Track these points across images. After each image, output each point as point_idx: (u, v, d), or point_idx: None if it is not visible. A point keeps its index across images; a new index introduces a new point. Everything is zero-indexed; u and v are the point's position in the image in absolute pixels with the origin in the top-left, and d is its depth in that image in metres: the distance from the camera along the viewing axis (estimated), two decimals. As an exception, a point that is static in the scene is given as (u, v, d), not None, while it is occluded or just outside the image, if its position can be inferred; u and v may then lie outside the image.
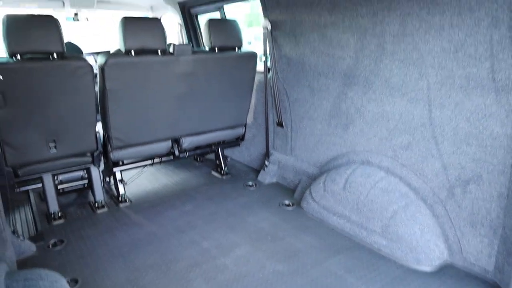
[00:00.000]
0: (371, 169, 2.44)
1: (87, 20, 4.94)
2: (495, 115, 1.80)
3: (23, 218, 2.80)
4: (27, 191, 3.09)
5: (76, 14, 4.47)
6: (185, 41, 4.30)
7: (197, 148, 3.40)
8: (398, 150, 2.32)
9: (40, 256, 2.26)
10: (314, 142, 2.96)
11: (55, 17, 2.29)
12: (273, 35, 3.01)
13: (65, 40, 3.88)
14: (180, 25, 4.20)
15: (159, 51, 2.63)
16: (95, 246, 2.34)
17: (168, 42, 2.70)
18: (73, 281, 1.99)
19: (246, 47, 3.17)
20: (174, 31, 4.41)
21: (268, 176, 3.36)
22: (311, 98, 2.89)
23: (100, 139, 2.78)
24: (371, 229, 2.29)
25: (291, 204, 2.88)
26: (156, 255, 2.23)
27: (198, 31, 4.25)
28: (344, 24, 2.38)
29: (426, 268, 2.06)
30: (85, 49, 4.20)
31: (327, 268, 2.07)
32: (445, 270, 2.05)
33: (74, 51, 3.80)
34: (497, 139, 1.81)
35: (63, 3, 4.00)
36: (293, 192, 3.07)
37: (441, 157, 2.08)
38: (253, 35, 5.17)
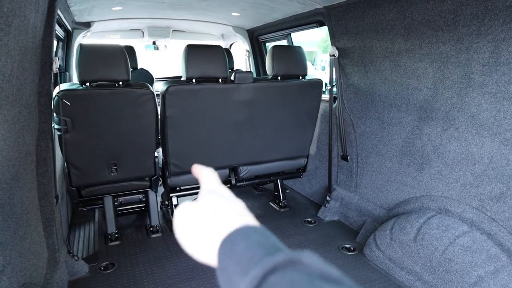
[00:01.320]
0: (451, 220, 2.05)
1: (166, 47, 5.26)
2: None
3: (86, 235, 2.91)
4: (94, 209, 3.23)
5: (154, 43, 4.78)
6: (253, 68, 4.29)
7: (256, 177, 3.27)
8: (486, 201, 1.91)
9: (91, 277, 2.28)
10: (382, 181, 2.63)
11: (135, 46, 2.38)
12: (340, 63, 2.81)
13: (139, 66, 4.11)
14: (248, 51, 4.21)
15: (220, 79, 2.60)
16: (143, 274, 2.30)
17: (235, 68, 2.67)
18: (115, 311, 1.94)
19: (316, 74, 3.01)
20: (242, 58, 4.45)
21: (329, 213, 3.08)
22: (380, 132, 2.59)
23: (159, 164, 2.80)
24: (448, 294, 1.89)
25: (352, 249, 2.57)
26: (198, 293, 2.10)
27: (264, 58, 4.22)
28: (421, 52, 2.09)
29: None
30: (160, 74, 4.43)
31: (390, 337, 1.74)
32: None
33: (145, 77, 4.00)
34: None
35: (143, 34, 4.29)
36: (355, 234, 2.75)
37: (546, 215, 1.65)
38: (327, 61, 5.01)
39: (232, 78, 2.66)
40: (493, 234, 1.87)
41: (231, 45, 4.84)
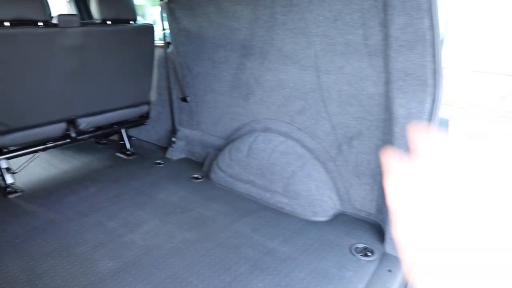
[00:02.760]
0: (272, 136, 2.59)
1: None
2: (369, 77, 2.05)
3: None
4: None
5: None
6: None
7: (98, 129, 3.20)
8: (294, 116, 2.49)
9: None
10: (218, 114, 3.01)
11: None
12: (170, 8, 2.93)
13: None
14: (67, -4, 3.82)
15: (39, 22, 2.37)
16: None
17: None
18: (-46, 282, 1.76)
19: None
20: (62, 4, 4.00)
21: (176, 153, 3.33)
22: (212, 71, 2.91)
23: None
24: (274, 190, 2.45)
25: (200, 177, 2.92)
26: (54, 242, 2.08)
27: (88, 3, 3.92)
28: (237, -5, 2.43)
29: (322, 218, 2.30)
30: None
31: (235, 230, 2.18)
32: (338, 218, 2.32)
33: None
34: (372, 98, 2.07)
35: None
36: (202, 166, 3.11)
37: (330, 118, 2.30)
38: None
39: (55, 21, 2.46)
40: (300, 140, 2.48)
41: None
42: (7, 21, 2.23)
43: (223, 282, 1.76)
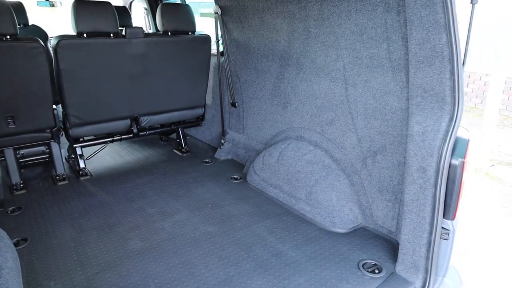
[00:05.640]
0: (302, 144, 2.67)
1: (61, 4, 5.08)
2: (393, 91, 2.01)
3: None
4: None
5: (47, -1, 4.63)
6: (152, 26, 4.47)
7: (158, 127, 3.62)
8: (324, 126, 2.54)
9: (-2, 220, 2.49)
10: (261, 120, 3.18)
11: (26, 2, 2.46)
12: (223, 20, 3.19)
13: (30, 23, 4.04)
14: (146, 9, 4.37)
15: (111, 34, 2.82)
16: (50, 212, 2.58)
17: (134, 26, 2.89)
18: (23, 240, 2.23)
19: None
20: (141, 17, 4.58)
21: (223, 153, 3.58)
22: (257, 79, 3.09)
23: (59, 116, 2.98)
24: (298, 197, 2.52)
25: (238, 178, 3.11)
26: (102, 219, 2.46)
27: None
28: (277, 9, 2.57)
29: (340, 230, 2.30)
30: (55, 33, 4.37)
31: (253, 230, 2.32)
32: (357, 231, 2.30)
33: (38, 34, 3.97)
34: (395, 113, 2.03)
35: (33, -12, 4.15)
36: (243, 168, 3.30)
37: (356, 131, 2.30)
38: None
39: (123, 33, 2.90)
40: (328, 149, 2.52)
41: (130, 3, 4.91)
42: (85, 33, 2.71)
43: (227, 275, 1.92)
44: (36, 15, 4.42)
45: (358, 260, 2.02)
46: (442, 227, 1.78)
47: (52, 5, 5.04)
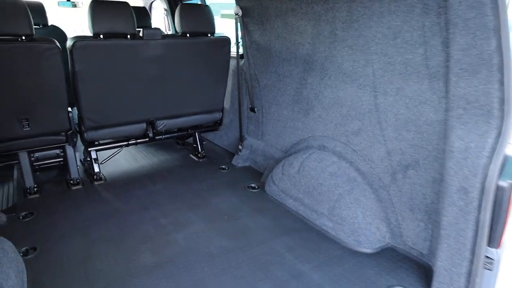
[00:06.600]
0: (325, 154, 2.49)
1: (82, 4, 5.06)
2: (429, 101, 1.82)
3: (5, 191, 2.98)
4: (12, 167, 3.27)
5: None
6: (171, 27, 4.38)
7: (174, 131, 3.51)
8: (350, 136, 2.36)
9: (9, 226, 2.43)
10: (280, 127, 3.02)
11: (47, 3, 2.40)
12: (244, 21, 3.05)
13: (49, 24, 4.01)
14: (166, 10, 4.28)
15: (128, 35, 2.72)
16: (62, 219, 2.49)
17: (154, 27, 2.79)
18: (32, 249, 2.14)
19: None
20: (161, 17, 4.50)
21: (241, 160, 3.44)
22: (278, 84, 2.94)
23: (74, 119, 2.91)
24: (320, 212, 2.35)
25: (256, 187, 2.97)
26: (114, 229, 2.36)
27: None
28: (301, 11, 2.41)
29: (366, 250, 2.12)
30: (78, 34, 4.34)
31: (271, 247, 2.16)
32: (384, 252, 2.11)
33: (57, 34, 3.93)
34: (431, 125, 1.84)
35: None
36: (261, 176, 3.15)
37: (385, 143, 2.12)
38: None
39: (141, 34, 2.80)
40: (353, 161, 2.34)
41: (151, 4, 4.84)
42: (101, 34, 2.62)
43: (242, 297, 1.77)
44: (60, 15, 4.40)
45: (386, 286, 1.84)
46: (486, 256, 1.58)
47: (74, 5, 5.03)
